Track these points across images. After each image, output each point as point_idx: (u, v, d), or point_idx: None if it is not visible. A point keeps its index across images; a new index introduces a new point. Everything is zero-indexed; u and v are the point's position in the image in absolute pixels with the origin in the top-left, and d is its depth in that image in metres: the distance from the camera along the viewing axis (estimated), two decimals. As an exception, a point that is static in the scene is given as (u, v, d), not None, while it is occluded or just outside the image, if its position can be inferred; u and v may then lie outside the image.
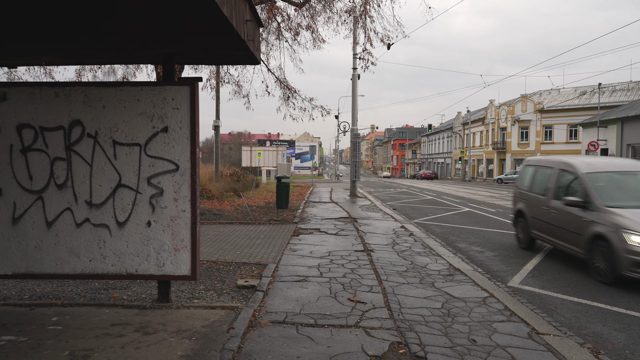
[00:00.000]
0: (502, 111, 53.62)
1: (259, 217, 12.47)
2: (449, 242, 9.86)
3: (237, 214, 12.75)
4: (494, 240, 10.18)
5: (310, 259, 7.35)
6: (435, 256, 7.96)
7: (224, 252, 7.77)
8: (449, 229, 11.88)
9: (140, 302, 4.86)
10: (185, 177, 4.65)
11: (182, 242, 4.65)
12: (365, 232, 10.46)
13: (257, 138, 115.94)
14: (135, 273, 4.66)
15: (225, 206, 14.15)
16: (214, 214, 12.27)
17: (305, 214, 13.63)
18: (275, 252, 7.83)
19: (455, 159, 68.36)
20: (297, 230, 10.48)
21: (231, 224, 11.18)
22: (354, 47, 20.57)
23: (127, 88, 4.63)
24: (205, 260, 7.00)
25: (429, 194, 25.92)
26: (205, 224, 11.17)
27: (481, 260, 8.04)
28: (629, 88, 45.68)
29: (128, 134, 4.64)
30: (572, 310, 5.42)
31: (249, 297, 5.20)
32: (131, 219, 4.65)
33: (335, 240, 9.30)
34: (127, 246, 4.65)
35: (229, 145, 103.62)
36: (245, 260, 7.15)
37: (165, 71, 4.72)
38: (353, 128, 22.39)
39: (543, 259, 8.19)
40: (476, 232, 11.37)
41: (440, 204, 19.52)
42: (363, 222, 12.22)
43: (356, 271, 6.65)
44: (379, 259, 7.49)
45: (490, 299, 5.52)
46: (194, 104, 4.62)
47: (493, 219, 14.04)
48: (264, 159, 50.02)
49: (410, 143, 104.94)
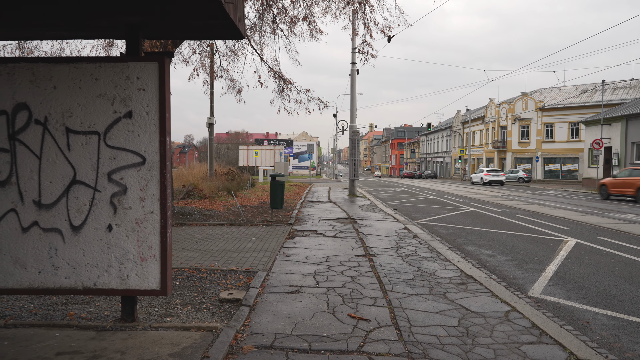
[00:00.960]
0: (502, 109, 52.94)
1: (252, 217, 11.69)
2: (456, 245, 9.10)
3: (229, 215, 11.97)
4: (504, 242, 9.43)
5: (305, 266, 6.58)
6: (444, 261, 7.20)
7: (210, 258, 7.00)
8: (455, 230, 11.12)
9: (101, 321, 4.08)
10: (153, 171, 3.88)
11: (150, 250, 3.88)
12: (366, 234, 9.69)
13: (255, 137, 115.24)
14: (94, 287, 3.89)
15: (216, 206, 13.37)
16: (204, 214, 11.49)
17: (302, 215, 12.86)
18: (266, 258, 7.05)
19: (454, 158, 67.66)
20: (292, 232, 9.71)
21: (221, 226, 10.40)
22: (353, 40, 19.80)
23: (82, 65, 3.85)
24: (187, 267, 6.23)
25: (430, 193, 25.18)
26: (193, 225, 10.39)
27: (494, 266, 7.29)
28: (631, 86, 45.05)
29: (84, 121, 3.86)
30: (608, 327, 4.66)
31: (232, 313, 4.42)
32: (88, 223, 3.87)
33: (333, 243, 8.53)
34: (83, 255, 3.88)
35: (226, 145, 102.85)
36: (233, 267, 6.37)
37: (130, 44, 3.95)
38: (352, 125, 21.62)
39: (562, 263, 7.44)
40: (484, 233, 10.61)
41: (443, 203, 18.77)
42: (363, 223, 11.46)
43: (357, 280, 5.88)
44: (382, 265, 6.73)
45: (513, 313, 4.76)
46: (164, 84, 3.85)
47: (500, 219, 13.29)
48: (261, 158, 49.27)
49: (409, 142, 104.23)
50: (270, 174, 10.97)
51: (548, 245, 9.06)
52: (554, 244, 9.24)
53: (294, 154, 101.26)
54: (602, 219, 13.50)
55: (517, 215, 14.22)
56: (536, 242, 9.48)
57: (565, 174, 47.26)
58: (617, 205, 18.43)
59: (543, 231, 10.87)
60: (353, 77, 21.55)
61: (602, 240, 9.66)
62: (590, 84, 48.44)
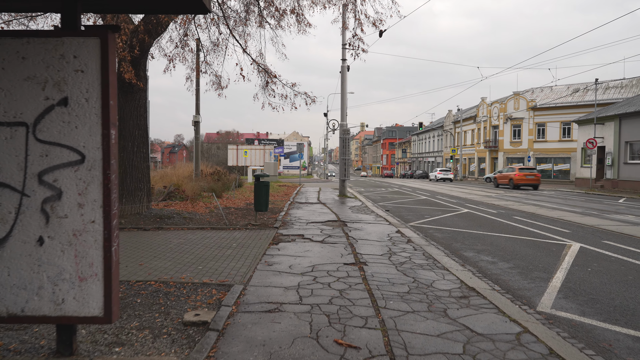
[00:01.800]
0: (494, 109, 52.65)
1: (236, 220, 10.97)
2: (453, 250, 8.47)
3: (211, 218, 11.23)
4: (504, 247, 8.81)
5: (288, 277, 5.89)
6: (442, 270, 6.55)
7: (183, 268, 6.28)
8: (451, 233, 10.50)
9: (32, 354, 3.36)
10: (94, 172, 3.17)
11: (91, 268, 3.17)
12: (357, 238, 9.03)
13: (246, 137, 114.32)
14: (21, 314, 3.17)
15: (198, 208, 12.62)
16: (184, 217, 10.74)
17: (289, 217, 12.16)
18: (246, 267, 6.35)
19: (446, 157, 67.35)
20: (277, 237, 9.01)
21: (202, 230, 9.68)
22: (343, 35, 19.14)
23: (6, 40, 3.13)
24: (154, 280, 5.51)
25: (422, 194, 24.60)
26: (171, 229, 9.66)
27: (496, 275, 6.66)
28: (623, 85, 44.94)
29: (9, 109, 3.14)
30: (635, 351, 4.03)
31: (196, 340, 3.72)
32: (14, 235, 3.15)
33: (321, 249, 7.84)
34: (8, 274, 3.16)
35: (216, 145, 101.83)
36: (207, 279, 5.66)
37: (66, 17, 3.23)
38: (342, 124, 20.95)
39: (569, 271, 6.83)
40: (482, 237, 10.00)
41: (436, 204, 18.17)
42: (353, 226, 10.79)
43: (346, 294, 5.20)
44: (374, 276, 6.06)
45: (526, 335, 4.12)
46: (107, 64, 3.14)
47: (497, 221, 12.70)
48: (250, 157, 48.52)
49: (400, 142, 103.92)
50: (254, 175, 10.25)
51: (551, 251, 8.46)
52: (557, 248, 8.65)
53: (284, 154, 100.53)
54: (602, 220, 12.97)
55: (513, 217, 13.65)
56: (538, 246, 8.88)
57: (557, 173, 47.04)
58: (614, 206, 17.98)
59: (544, 234, 10.28)
60: (343, 74, 20.88)
61: (607, 244, 9.09)
62: (582, 83, 48.29)
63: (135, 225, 9.79)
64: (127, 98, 10.54)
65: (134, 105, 10.59)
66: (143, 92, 10.80)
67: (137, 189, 10.63)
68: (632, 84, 44.24)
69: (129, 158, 10.53)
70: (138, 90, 10.64)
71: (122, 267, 6.22)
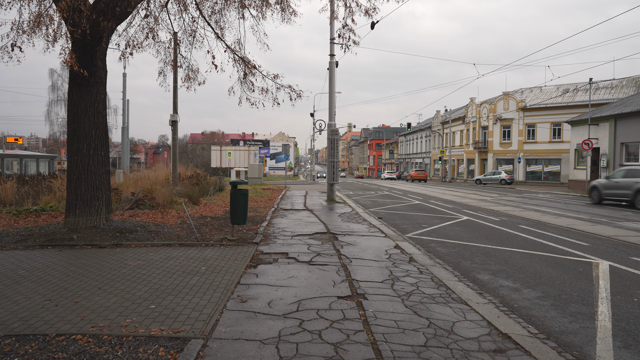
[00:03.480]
0: (483, 109, 51.88)
1: (210, 234, 9.53)
2: (464, 271, 7.18)
3: (181, 231, 9.76)
4: (522, 267, 7.54)
5: (266, 322, 4.50)
6: (459, 304, 5.24)
7: (130, 307, 4.85)
8: (456, 248, 9.22)
9: None
10: None
11: None
12: (350, 257, 7.68)
13: (231, 137, 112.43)
14: None
15: (169, 218, 11.12)
16: (149, 231, 9.28)
17: (272, 229, 10.76)
18: (212, 305, 4.95)
19: (434, 159, 66.55)
20: (257, 256, 7.61)
21: (168, 247, 8.23)
22: (332, 26, 17.79)
23: None
24: (82, 334, 4.06)
25: (414, 198, 23.39)
26: (131, 246, 8.19)
27: (526, 309, 5.36)
28: (613, 86, 44.49)
29: None
30: None
31: None
32: None
33: (308, 274, 6.47)
34: None
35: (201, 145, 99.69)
36: (156, 328, 4.24)
37: None
38: (330, 124, 19.60)
39: (612, 302, 5.56)
40: (492, 253, 8.73)
41: (431, 210, 16.93)
42: (345, 240, 9.44)
43: (342, 350, 3.84)
44: (378, 317, 4.70)
45: None
46: None
47: (503, 232, 11.46)
48: (234, 159, 46.95)
49: (387, 143, 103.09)
50: (230, 182, 8.78)
51: (577, 271, 7.22)
52: (584, 268, 7.41)
53: (270, 155, 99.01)
54: (616, 230, 11.83)
55: (519, 226, 12.45)
56: (561, 265, 7.64)
57: (547, 175, 46.36)
58: (619, 212, 16.94)
59: (561, 249, 9.07)
60: (332, 70, 19.54)
61: (636, 261, 7.89)
62: (571, 83, 47.75)
63: (89, 241, 8.30)
64: (81, 92, 9.04)
65: (90, 101, 9.09)
66: (101, 86, 9.31)
67: (94, 198, 9.13)
68: (622, 85, 43.77)
69: (84, 162, 9.03)
70: (95, 84, 9.15)
71: (51, 308, 4.78)
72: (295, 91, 9.58)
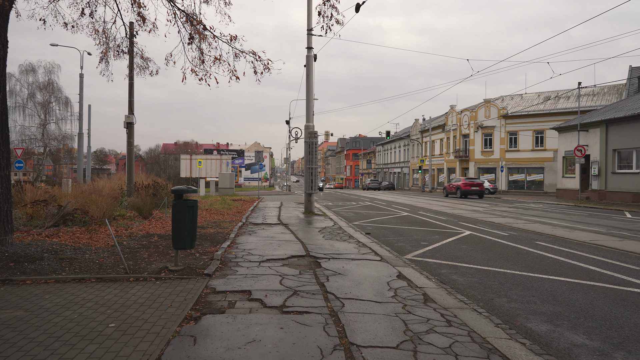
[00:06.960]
0: (464, 117, 50.58)
1: (148, 260, 7.05)
2: (506, 317, 4.95)
3: (109, 256, 7.22)
4: (584, 308, 5.34)
5: None
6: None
7: None
8: (476, 276, 6.99)
9: None
10: None
11: None
12: (341, 297, 5.34)
13: (205, 148, 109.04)
14: None
15: (98, 239, 8.54)
16: (61, 258, 6.73)
17: (235, 251, 8.32)
18: None
19: (413, 168, 65.05)
20: (204, 298, 5.19)
21: (79, 282, 5.73)
22: (308, 13, 15.58)
23: None
24: None
25: (400, 209, 21.23)
26: (27, 282, 5.67)
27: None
28: (594, 93, 43.77)
29: None
30: None
31: None
32: None
33: (279, 335, 4.09)
34: None
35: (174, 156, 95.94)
36: None
37: None
38: (308, 125, 17.31)
39: None
40: (527, 283, 6.54)
41: (424, 223, 14.75)
42: (331, 266, 7.10)
43: None
44: None
45: None
46: None
47: (522, 250, 9.33)
48: (205, 168, 44.17)
49: (364, 152, 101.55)
50: (173, 189, 6.27)
51: (664, 314, 5.08)
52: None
53: (245, 165, 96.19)
54: (652, 246, 9.87)
55: (536, 242, 10.37)
56: (631, 303, 5.48)
57: (529, 184, 45.13)
58: (631, 223, 15.15)
59: (611, 275, 6.96)
60: (309, 65, 17.30)
61: None
62: (552, 91, 46.93)
63: (-36, 276, 5.73)
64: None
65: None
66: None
67: (-16, 214, 6.55)
68: (603, 92, 43.08)
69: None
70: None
71: None
72: (261, 60, 7.14)
